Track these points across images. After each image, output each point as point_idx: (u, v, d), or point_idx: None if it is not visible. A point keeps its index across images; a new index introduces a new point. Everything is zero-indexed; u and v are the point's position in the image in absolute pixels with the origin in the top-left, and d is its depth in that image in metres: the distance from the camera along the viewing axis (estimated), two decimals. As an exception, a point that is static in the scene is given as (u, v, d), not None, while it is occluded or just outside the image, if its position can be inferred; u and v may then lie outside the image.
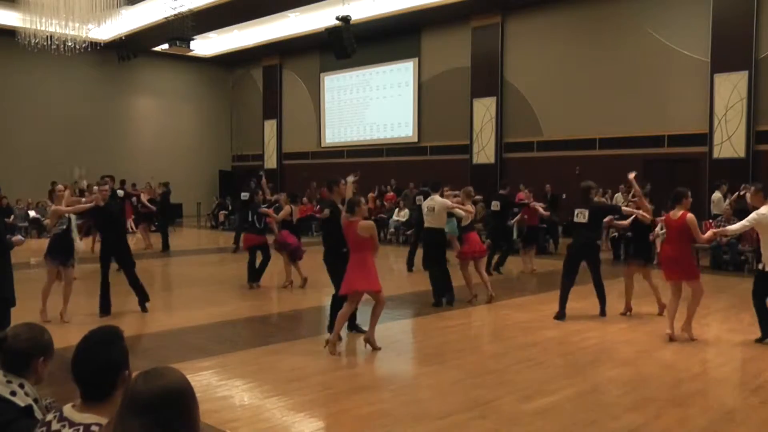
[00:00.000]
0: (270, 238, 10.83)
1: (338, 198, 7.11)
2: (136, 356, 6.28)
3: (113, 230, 8.42)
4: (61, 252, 7.95)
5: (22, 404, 2.32)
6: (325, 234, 7.33)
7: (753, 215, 6.86)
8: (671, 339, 6.94)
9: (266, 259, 10.47)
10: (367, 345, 6.60)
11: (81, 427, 1.95)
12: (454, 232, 9.57)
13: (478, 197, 12.15)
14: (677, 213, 7.11)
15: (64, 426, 1.97)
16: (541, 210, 12.46)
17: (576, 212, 8.21)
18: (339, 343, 6.64)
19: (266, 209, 10.55)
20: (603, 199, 8.61)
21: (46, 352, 2.46)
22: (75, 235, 8.87)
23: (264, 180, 13.08)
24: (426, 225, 9.14)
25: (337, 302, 6.89)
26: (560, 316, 8.03)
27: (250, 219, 10.62)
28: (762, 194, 6.86)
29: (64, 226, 7.99)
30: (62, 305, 7.90)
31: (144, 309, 8.43)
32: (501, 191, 12.72)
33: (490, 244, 12.15)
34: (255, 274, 10.43)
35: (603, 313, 8.22)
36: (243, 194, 16.24)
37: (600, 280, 8.25)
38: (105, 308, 8.22)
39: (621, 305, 8.50)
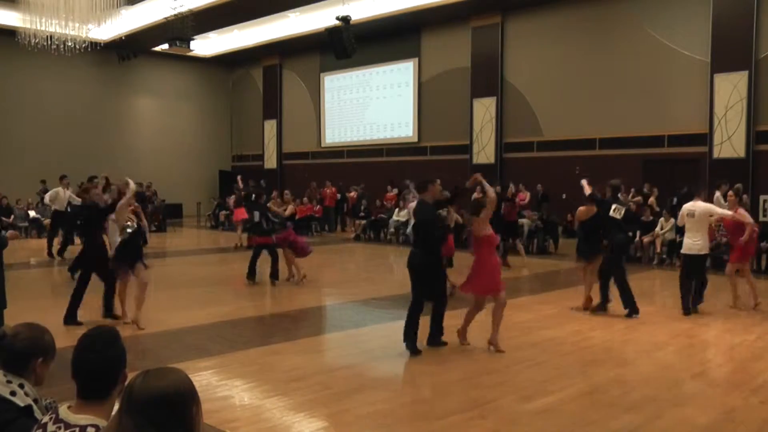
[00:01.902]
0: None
1: (431, 198, 6.69)
2: (136, 356, 6.30)
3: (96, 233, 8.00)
4: (130, 255, 7.67)
5: (22, 404, 2.32)
6: (417, 236, 6.72)
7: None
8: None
9: (275, 258, 10.72)
10: (490, 347, 6.55)
11: (77, 429, 1.94)
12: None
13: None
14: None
15: (59, 428, 1.96)
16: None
17: (614, 207, 8.24)
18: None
19: (277, 210, 10.82)
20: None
21: (46, 353, 2.44)
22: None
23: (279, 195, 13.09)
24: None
25: (419, 310, 6.60)
26: (634, 311, 8.18)
27: (256, 220, 10.76)
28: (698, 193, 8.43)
29: (132, 229, 7.70)
30: (135, 309, 7.68)
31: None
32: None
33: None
34: (272, 273, 10.72)
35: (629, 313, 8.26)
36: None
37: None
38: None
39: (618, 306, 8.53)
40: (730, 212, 8.56)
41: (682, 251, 8.52)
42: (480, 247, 6.57)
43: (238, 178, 16.84)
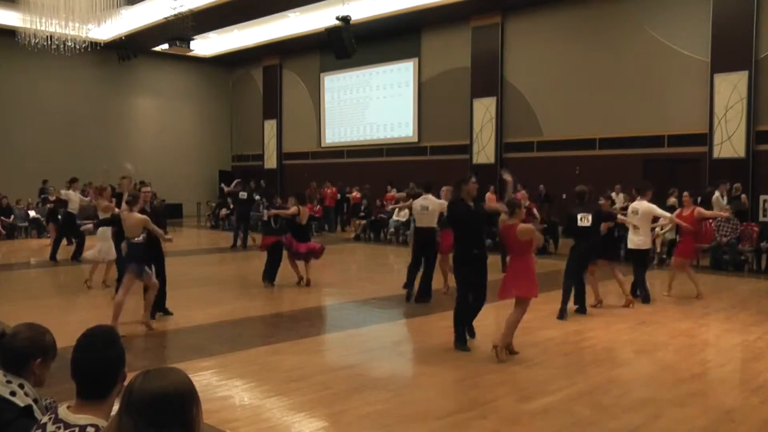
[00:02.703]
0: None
1: (467, 196, 6.65)
2: (136, 356, 6.30)
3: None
4: (138, 261, 7.36)
5: (22, 404, 2.32)
6: (455, 236, 6.86)
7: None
8: None
9: (278, 258, 10.68)
10: (494, 350, 6.18)
11: (76, 429, 1.94)
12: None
13: None
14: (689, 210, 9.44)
15: (59, 428, 1.96)
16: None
17: (580, 216, 8.27)
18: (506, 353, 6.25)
19: (276, 210, 10.76)
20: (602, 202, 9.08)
21: (46, 353, 2.43)
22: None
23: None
24: (419, 225, 9.30)
25: (462, 308, 6.69)
26: (563, 314, 8.13)
27: (265, 218, 10.80)
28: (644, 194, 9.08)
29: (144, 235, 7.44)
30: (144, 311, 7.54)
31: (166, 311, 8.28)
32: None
33: None
34: (271, 275, 10.64)
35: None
36: (241, 194, 16.55)
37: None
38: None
39: (618, 305, 8.54)
40: (669, 215, 9.42)
41: (628, 246, 9.35)
42: (520, 250, 6.30)
43: (235, 182, 17.23)
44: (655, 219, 9.63)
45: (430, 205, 9.09)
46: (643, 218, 8.96)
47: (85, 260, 10.34)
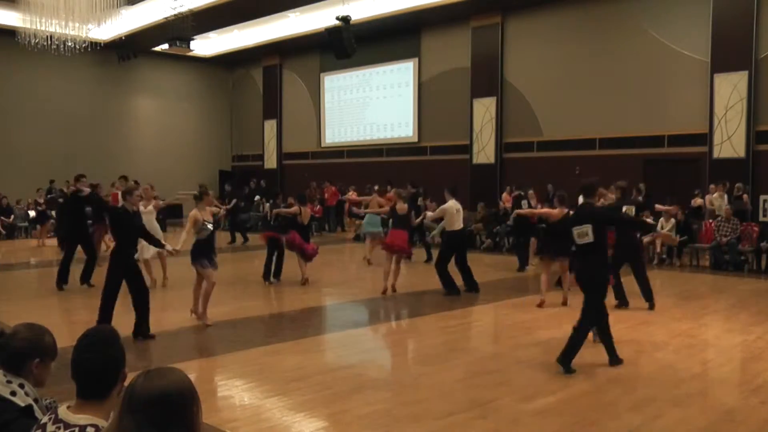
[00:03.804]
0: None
1: (597, 201, 6.21)
2: (136, 356, 6.30)
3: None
4: (199, 255, 7.64)
5: (22, 404, 2.32)
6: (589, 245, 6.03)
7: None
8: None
9: (280, 255, 10.97)
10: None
11: (76, 429, 1.94)
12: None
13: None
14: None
15: (59, 428, 1.96)
16: None
17: (624, 208, 8.84)
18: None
19: (280, 209, 11.00)
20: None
21: (44, 354, 2.42)
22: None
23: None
24: (452, 228, 9.70)
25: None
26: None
27: (267, 218, 11.26)
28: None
29: (208, 232, 7.62)
30: (201, 307, 7.64)
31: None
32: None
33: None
34: (275, 272, 10.97)
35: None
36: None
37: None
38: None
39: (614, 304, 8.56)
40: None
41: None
42: None
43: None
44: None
45: (461, 208, 9.78)
46: None
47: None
